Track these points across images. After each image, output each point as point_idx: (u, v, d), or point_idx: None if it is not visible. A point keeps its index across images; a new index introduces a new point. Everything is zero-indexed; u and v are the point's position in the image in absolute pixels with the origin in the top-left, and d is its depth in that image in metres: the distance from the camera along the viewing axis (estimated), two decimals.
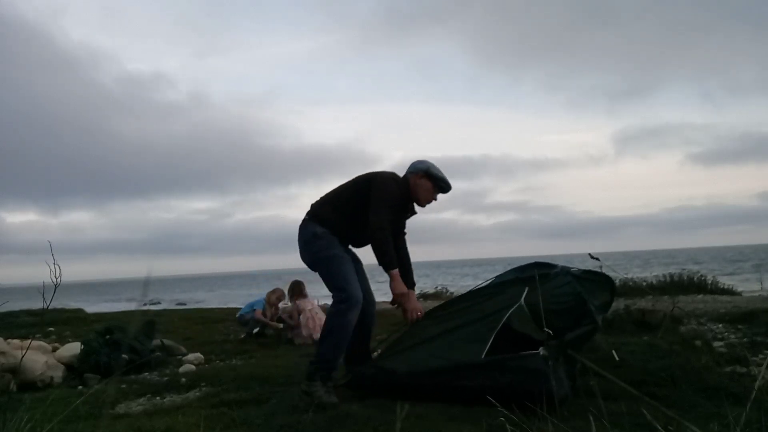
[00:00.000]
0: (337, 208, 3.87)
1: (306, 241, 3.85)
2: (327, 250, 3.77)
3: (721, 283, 12.13)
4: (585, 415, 1.89)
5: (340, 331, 3.60)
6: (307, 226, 3.87)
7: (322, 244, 3.78)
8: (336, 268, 3.71)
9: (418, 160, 4.07)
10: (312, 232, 3.81)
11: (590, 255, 3.35)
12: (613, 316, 6.64)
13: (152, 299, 29.00)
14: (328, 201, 3.94)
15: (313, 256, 3.80)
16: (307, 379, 3.60)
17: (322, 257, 3.76)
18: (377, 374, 3.77)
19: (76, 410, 3.41)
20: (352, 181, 3.98)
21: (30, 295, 2.78)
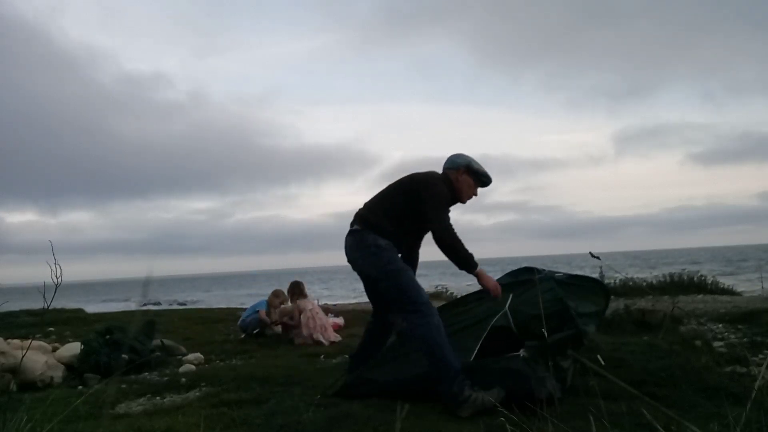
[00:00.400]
0: (394, 219, 3.75)
1: (371, 252, 3.68)
2: (396, 262, 3.68)
3: (721, 283, 12.13)
4: (585, 415, 1.89)
5: (441, 336, 3.45)
6: (366, 236, 3.71)
7: (390, 256, 3.67)
8: (407, 280, 3.63)
9: (456, 155, 3.96)
10: (375, 244, 3.67)
11: (591, 254, 3.35)
12: (613, 316, 6.64)
13: (152, 299, 29.00)
14: (384, 212, 3.77)
15: (381, 268, 3.66)
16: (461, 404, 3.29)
17: (393, 270, 3.64)
18: (360, 384, 3.84)
19: (76, 410, 3.41)
20: (400, 189, 3.83)
21: (30, 295, 2.78)
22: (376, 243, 3.67)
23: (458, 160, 3.93)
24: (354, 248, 3.78)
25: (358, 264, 3.81)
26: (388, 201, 3.83)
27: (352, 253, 3.80)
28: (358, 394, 3.73)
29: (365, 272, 3.80)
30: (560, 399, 3.40)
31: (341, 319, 8.68)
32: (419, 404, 3.46)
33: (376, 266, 3.68)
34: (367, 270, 3.76)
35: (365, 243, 3.71)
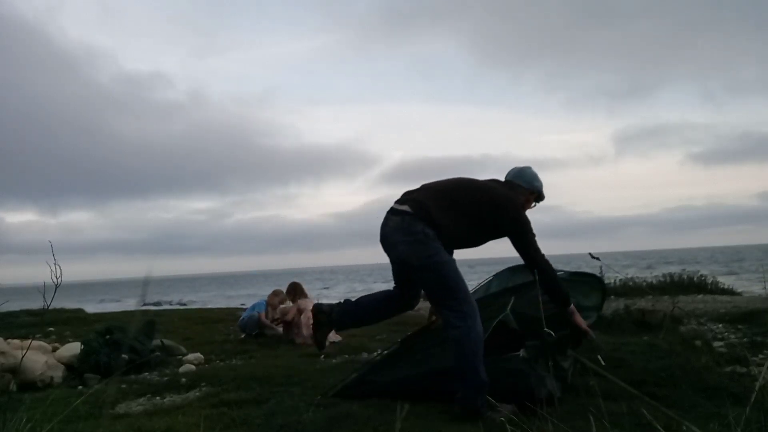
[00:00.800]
0: (454, 218, 3.46)
1: (417, 239, 3.37)
2: (442, 254, 3.40)
3: (721, 283, 12.13)
4: (585, 415, 1.89)
5: (480, 347, 3.30)
6: (414, 223, 3.39)
7: (437, 247, 3.39)
8: (453, 274, 3.39)
9: (535, 175, 3.75)
10: (423, 232, 3.37)
11: (590, 255, 3.36)
12: (613, 316, 6.65)
13: (152, 299, 29.00)
14: (445, 206, 3.46)
15: (425, 258, 3.36)
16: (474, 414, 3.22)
17: (437, 261, 3.37)
18: (360, 385, 3.86)
19: (76, 410, 3.41)
20: (472, 194, 3.55)
21: (30, 295, 2.78)
22: (425, 231, 3.38)
23: (536, 184, 3.74)
24: (398, 230, 3.44)
25: (398, 248, 3.45)
26: (453, 198, 3.51)
27: (394, 234, 3.46)
28: (359, 395, 3.74)
29: (404, 258, 3.43)
30: (560, 399, 3.40)
31: None
32: (419, 404, 3.46)
33: (419, 254, 3.37)
34: (408, 256, 3.40)
35: (413, 228, 3.39)
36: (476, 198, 3.52)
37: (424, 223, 3.39)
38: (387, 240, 3.53)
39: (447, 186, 3.63)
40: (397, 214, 3.48)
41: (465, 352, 3.27)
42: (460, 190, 3.58)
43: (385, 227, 3.54)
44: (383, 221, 3.57)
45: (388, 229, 3.51)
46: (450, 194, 3.54)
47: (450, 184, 3.64)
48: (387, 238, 3.53)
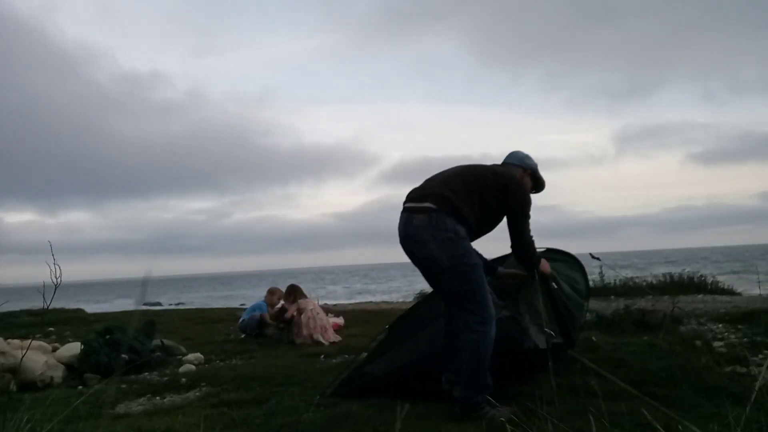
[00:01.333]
0: (476, 210, 3.41)
1: (448, 238, 3.29)
2: (472, 256, 3.38)
3: (721, 283, 12.13)
4: (585, 415, 1.89)
5: (490, 352, 3.32)
6: (444, 219, 3.30)
7: (467, 247, 3.36)
8: (479, 279, 3.35)
9: (526, 155, 3.79)
10: (454, 230, 3.30)
11: (591, 255, 3.37)
12: (613, 316, 6.65)
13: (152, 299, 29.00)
14: (467, 199, 3.39)
15: (456, 259, 3.29)
16: (474, 412, 3.24)
17: (467, 263, 3.32)
18: (358, 379, 3.88)
19: (76, 410, 3.41)
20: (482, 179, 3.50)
21: (29, 295, 2.78)
22: (455, 229, 3.30)
23: (528, 162, 3.75)
24: (426, 228, 3.32)
25: (429, 247, 3.31)
26: (472, 190, 3.43)
27: (423, 232, 3.32)
28: (356, 390, 3.75)
29: (435, 257, 3.31)
30: (560, 399, 3.41)
31: (341, 319, 8.67)
32: (419, 404, 3.46)
33: (450, 254, 3.27)
34: (438, 256, 3.29)
35: (444, 226, 3.29)
36: (485, 182, 3.48)
37: (453, 219, 3.31)
38: (413, 239, 3.40)
39: (457, 175, 3.54)
40: (422, 211, 3.36)
41: (478, 357, 3.28)
42: (470, 178, 3.51)
43: (409, 225, 3.40)
44: (404, 219, 3.45)
45: (414, 227, 3.38)
46: (463, 183, 3.46)
47: (459, 173, 3.56)
48: (413, 237, 3.39)
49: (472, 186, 3.45)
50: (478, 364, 3.29)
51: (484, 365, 3.30)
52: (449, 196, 3.35)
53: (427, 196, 3.40)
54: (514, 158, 3.78)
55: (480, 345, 3.28)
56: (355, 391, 3.76)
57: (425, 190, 3.47)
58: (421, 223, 3.34)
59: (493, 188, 3.47)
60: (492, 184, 3.48)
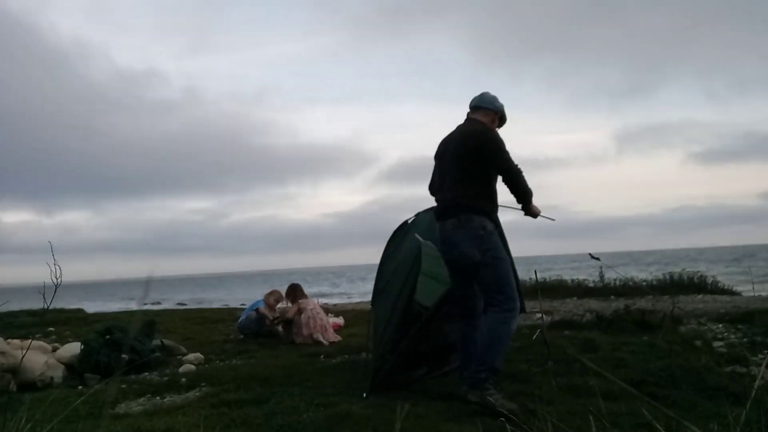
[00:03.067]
0: (490, 199, 3.72)
1: (478, 234, 3.57)
2: (500, 250, 3.65)
3: (721, 283, 12.15)
4: (585, 415, 1.89)
5: (507, 339, 3.55)
6: (473, 218, 3.60)
7: (496, 241, 3.63)
8: (506, 272, 3.61)
9: (494, 96, 3.92)
10: (482, 226, 3.59)
11: (590, 255, 3.37)
12: (613, 316, 6.65)
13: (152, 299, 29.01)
14: (481, 193, 3.67)
15: (487, 253, 3.56)
16: (476, 389, 3.39)
17: (496, 257, 3.59)
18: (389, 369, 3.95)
19: (76, 410, 3.41)
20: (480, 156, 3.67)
21: (27, 295, 2.78)
22: (483, 224, 3.60)
23: (497, 104, 3.91)
24: (458, 229, 3.62)
25: (460, 247, 3.61)
26: (472, 180, 3.68)
27: (455, 233, 3.63)
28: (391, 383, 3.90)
29: (466, 254, 3.58)
30: (560, 399, 3.41)
31: (341, 319, 8.68)
32: (419, 404, 3.46)
33: (481, 249, 3.56)
34: (471, 252, 3.56)
35: (472, 224, 3.59)
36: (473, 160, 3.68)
37: (481, 216, 3.62)
38: (448, 241, 3.71)
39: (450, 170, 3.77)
40: (450, 216, 3.68)
41: (493, 338, 3.49)
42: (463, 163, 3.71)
43: (443, 231, 3.74)
44: (438, 228, 3.79)
45: (447, 231, 3.71)
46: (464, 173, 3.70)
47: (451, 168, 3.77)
48: (448, 239, 3.71)
49: (471, 170, 3.68)
50: (491, 345, 3.49)
51: (498, 349, 3.49)
52: (465, 203, 3.64)
53: (451, 209, 3.71)
54: (486, 101, 3.92)
55: (498, 328, 3.50)
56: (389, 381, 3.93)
57: (445, 201, 3.79)
58: (451, 226, 3.68)
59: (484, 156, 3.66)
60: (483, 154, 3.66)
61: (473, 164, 3.68)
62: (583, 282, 13.14)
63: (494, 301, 3.56)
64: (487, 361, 3.46)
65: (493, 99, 3.93)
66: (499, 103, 3.94)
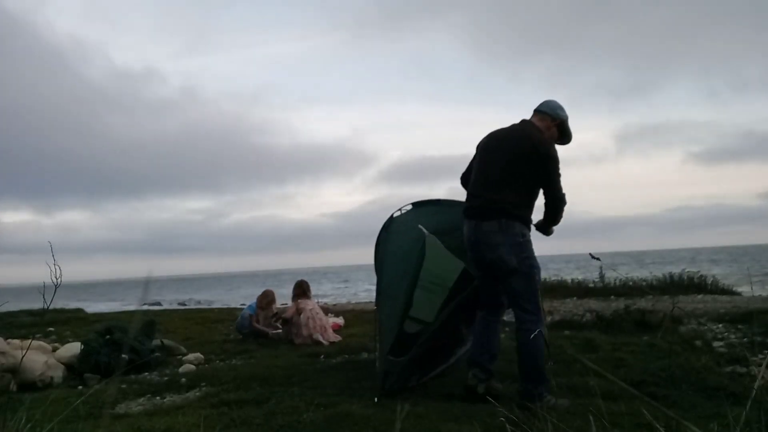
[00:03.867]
0: (530, 207, 3.68)
1: (518, 242, 3.57)
2: (535, 259, 3.64)
3: (721, 283, 12.15)
4: (585, 415, 1.89)
5: (542, 347, 3.54)
6: (513, 224, 3.58)
7: (532, 250, 3.64)
8: (538, 283, 3.62)
9: (559, 105, 3.84)
10: (521, 233, 3.60)
11: (591, 255, 3.37)
12: (613, 316, 6.65)
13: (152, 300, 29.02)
14: (524, 200, 3.64)
15: (523, 261, 3.57)
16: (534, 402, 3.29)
17: (532, 266, 3.60)
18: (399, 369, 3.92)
19: (76, 410, 3.41)
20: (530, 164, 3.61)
21: (26, 295, 2.78)
22: (522, 232, 3.61)
23: (560, 113, 3.81)
24: (498, 233, 3.57)
25: (499, 250, 3.57)
26: (524, 189, 3.65)
27: (495, 237, 3.58)
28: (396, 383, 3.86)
29: (503, 260, 3.56)
30: (560, 398, 3.41)
31: (341, 319, 8.68)
32: (419, 404, 3.46)
33: (519, 256, 3.56)
34: (508, 258, 3.55)
35: (513, 230, 3.57)
36: (523, 167, 3.61)
37: (519, 223, 3.60)
38: (483, 242, 3.63)
39: (500, 173, 3.67)
40: (490, 218, 3.60)
41: (534, 354, 3.52)
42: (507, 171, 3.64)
43: (478, 231, 3.64)
44: (473, 226, 3.67)
45: (483, 232, 3.62)
46: (523, 186, 3.64)
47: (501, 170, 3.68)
48: (482, 241, 3.63)
49: (517, 175, 3.61)
50: (534, 360, 3.53)
51: (540, 361, 3.53)
52: (507, 208, 3.58)
53: (490, 207, 3.62)
54: (546, 106, 3.84)
55: (534, 343, 3.50)
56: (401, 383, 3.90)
57: (486, 202, 3.66)
58: (491, 229, 3.60)
59: (535, 166, 3.60)
60: (534, 163, 3.59)
61: (523, 172, 3.63)
62: (583, 282, 13.15)
63: (523, 311, 3.56)
64: (536, 379, 3.51)
65: (556, 106, 3.83)
66: (562, 113, 3.83)
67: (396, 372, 3.88)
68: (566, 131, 3.85)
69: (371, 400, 3.63)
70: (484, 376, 3.73)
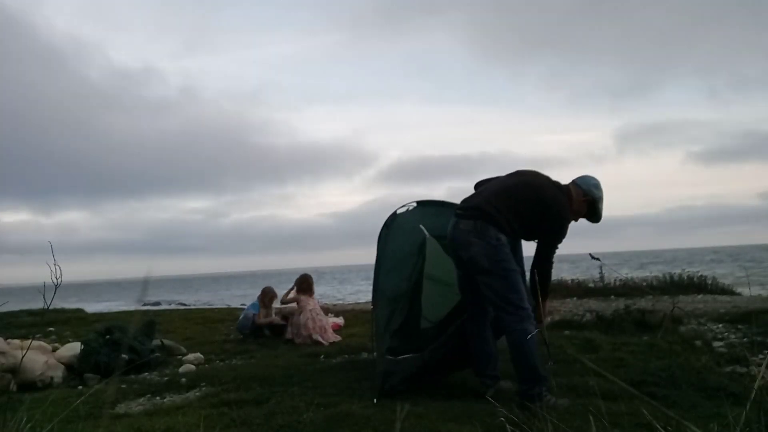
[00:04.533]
0: (513, 221, 3.68)
1: (491, 244, 3.62)
2: (511, 261, 3.67)
3: (721, 283, 12.15)
4: (585, 415, 1.89)
5: (532, 344, 3.52)
6: (488, 228, 3.63)
7: (507, 253, 3.66)
8: (516, 282, 3.64)
9: (597, 184, 3.89)
10: (497, 237, 3.63)
11: (591, 255, 3.38)
12: (613, 316, 6.65)
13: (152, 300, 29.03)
14: (506, 210, 3.68)
15: (496, 263, 3.61)
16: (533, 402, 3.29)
17: (507, 268, 3.63)
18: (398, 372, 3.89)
19: (76, 410, 3.41)
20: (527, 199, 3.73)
21: (24, 295, 2.78)
22: (498, 237, 3.64)
23: (594, 191, 3.85)
24: (472, 233, 3.66)
25: (471, 250, 3.66)
26: (513, 203, 3.71)
27: (468, 236, 3.67)
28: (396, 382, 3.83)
29: (476, 260, 3.65)
30: (560, 398, 3.41)
31: (341, 319, 8.68)
32: (419, 404, 3.46)
33: (491, 258, 3.61)
34: (480, 259, 3.63)
35: (487, 233, 3.63)
36: (527, 207, 3.71)
37: (496, 229, 3.63)
38: (458, 241, 3.74)
39: (504, 191, 3.78)
40: (470, 219, 3.70)
41: (524, 353, 3.51)
42: (514, 199, 3.73)
43: (456, 230, 3.75)
44: (452, 224, 3.79)
45: (460, 231, 3.73)
46: (506, 204, 3.70)
47: (506, 190, 3.79)
48: (459, 239, 3.74)
49: (514, 208, 3.69)
50: (526, 360, 3.53)
51: (532, 359, 3.52)
52: (491, 212, 3.65)
53: (473, 208, 3.73)
54: (582, 180, 3.90)
55: (522, 342, 3.51)
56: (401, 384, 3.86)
57: (472, 202, 3.79)
58: (466, 228, 3.69)
59: (533, 213, 3.70)
60: (533, 210, 3.70)
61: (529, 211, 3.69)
62: (583, 282, 13.14)
63: (503, 311, 3.59)
64: (532, 378, 3.50)
65: (593, 184, 3.88)
66: (597, 192, 3.87)
67: (397, 371, 3.87)
68: (597, 211, 3.89)
69: (371, 400, 3.63)
70: (491, 382, 3.86)
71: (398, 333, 3.99)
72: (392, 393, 3.77)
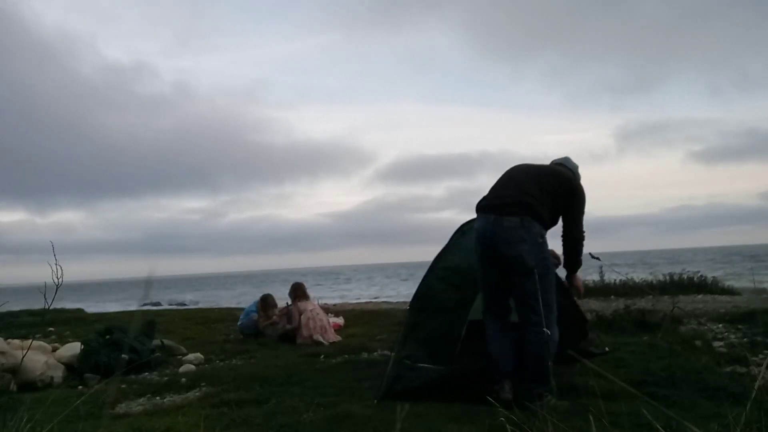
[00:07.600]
0: (550, 214, 3.67)
1: (537, 242, 3.55)
2: (550, 260, 3.67)
3: (721, 283, 12.14)
4: (585, 415, 1.89)
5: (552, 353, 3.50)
6: (533, 223, 3.55)
7: (548, 252, 3.66)
8: (552, 283, 3.60)
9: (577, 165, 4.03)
10: (540, 234, 3.58)
11: (591, 255, 3.39)
12: (613, 316, 6.65)
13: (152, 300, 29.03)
14: (543, 204, 3.62)
15: (541, 261, 3.53)
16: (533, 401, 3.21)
17: (547, 266, 3.60)
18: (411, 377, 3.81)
19: (76, 410, 3.41)
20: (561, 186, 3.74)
21: (24, 295, 2.78)
22: (541, 233, 3.60)
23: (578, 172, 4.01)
24: (518, 229, 3.52)
25: (519, 248, 3.50)
26: (549, 198, 3.67)
27: (516, 232, 3.52)
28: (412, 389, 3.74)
29: (522, 259, 3.49)
30: (560, 399, 3.41)
31: (341, 319, 8.68)
32: (419, 404, 3.46)
33: (537, 257, 3.51)
34: (527, 257, 3.49)
35: (534, 230, 3.54)
36: (557, 186, 3.74)
37: (539, 225, 3.58)
38: (503, 239, 3.54)
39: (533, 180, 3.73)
40: (513, 214, 3.55)
41: (541, 356, 3.47)
42: (544, 182, 3.72)
43: (499, 227, 3.56)
44: (492, 221, 3.59)
45: (504, 229, 3.54)
46: (540, 189, 3.67)
47: (534, 178, 3.76)
48: (503, 238, 3.54)
49: (546, 190, 3.68)
50: (541, 362, 3.48)
51: (546, 363, 3.46)
52: (531, 203, 3.58)
53: (517, 204, 3.59)
54: (571, 164, 4.02)
55: (543, 345, 3.47)
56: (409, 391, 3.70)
57: (508, 198, 3.65)
58: (511, 225, 3.54)
59: (564, 193, 3.74)
60: (564, 189, 3.75)
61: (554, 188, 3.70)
62: (583, 282, 13.11)
63: (532, 311, 3.48)
64: (540, 380, 3.48)
65: (576, 166, 4.04)
66: (579, 174, 4.02)
67: (408, 377, 3.78)
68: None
69: (371, 400, 3.63)
70: (512, 386, 3.64)
71: (427, 342, 3.91)
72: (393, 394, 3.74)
